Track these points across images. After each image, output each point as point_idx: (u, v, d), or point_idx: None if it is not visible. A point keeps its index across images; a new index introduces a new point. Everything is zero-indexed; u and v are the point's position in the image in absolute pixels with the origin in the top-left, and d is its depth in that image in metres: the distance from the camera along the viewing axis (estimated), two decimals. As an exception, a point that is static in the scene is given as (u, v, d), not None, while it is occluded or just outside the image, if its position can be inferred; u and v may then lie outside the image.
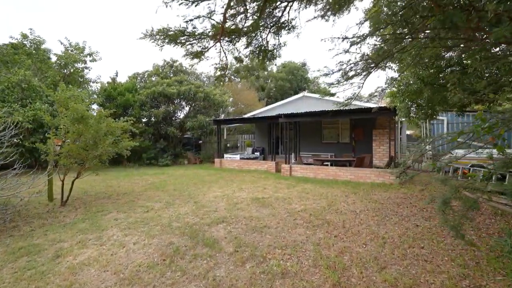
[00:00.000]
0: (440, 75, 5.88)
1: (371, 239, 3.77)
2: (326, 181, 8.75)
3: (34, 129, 10.28)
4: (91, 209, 5.54)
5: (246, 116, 15.11)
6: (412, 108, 6.77)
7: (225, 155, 13.70)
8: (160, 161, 14.44)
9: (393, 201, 5.98)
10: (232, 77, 29.46)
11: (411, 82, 6.06)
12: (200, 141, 19.51)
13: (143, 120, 15.91)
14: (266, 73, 29.61)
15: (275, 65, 29.08)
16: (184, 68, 18.20)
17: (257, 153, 15.33)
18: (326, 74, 4.37)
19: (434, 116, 7.16)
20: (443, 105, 5.88)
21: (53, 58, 11.87)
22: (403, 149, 13.57)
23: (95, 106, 13.77)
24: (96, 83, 13.44)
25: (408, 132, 20.22)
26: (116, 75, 14.88)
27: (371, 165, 10.12)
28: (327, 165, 10.59)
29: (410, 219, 4.63)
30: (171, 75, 16.61)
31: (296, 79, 27.74)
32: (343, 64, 4.19)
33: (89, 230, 4.24)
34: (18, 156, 10.30)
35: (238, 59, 5.02)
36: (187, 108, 17.05)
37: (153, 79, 16.05)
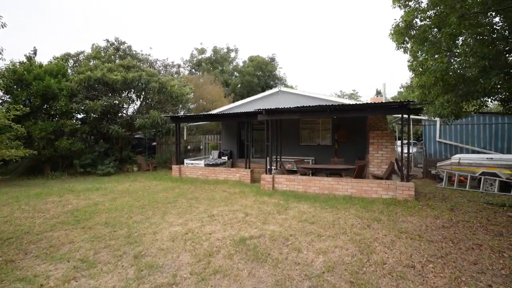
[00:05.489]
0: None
1: None
2: (322, 197, 6.72)
3: None
4: None
5: (213, 112, 12.51)
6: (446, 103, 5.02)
7: (186, 161, 10.97)
8: (100, 169, 11.07)
9: (441, 235, 4.11)
10: (193, 70, 26.34)
11: (466, 65, 4.27)
12: (154, 143, 16.27)
13: (78, 116, 12.25)
14: (231, 67, 27.06)
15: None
16: (134, 52, 14.77)
17: (225, 157, 12.84)
18: None
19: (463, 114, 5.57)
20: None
21: None
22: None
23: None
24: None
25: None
26: (34, 54, 10.95)
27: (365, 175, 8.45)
28: (308, 174, 8.63)
29: (520, 287, 2.72)
30: (118, 60, 13.20)
31: (264, 75, 25.74)
32: None
33: None
34: None
35: None
36: (138, 102, 13.78)
37: (93, 63, 12.50)
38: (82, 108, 10.92)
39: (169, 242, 3.93)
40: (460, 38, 5.27)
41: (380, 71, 65.53)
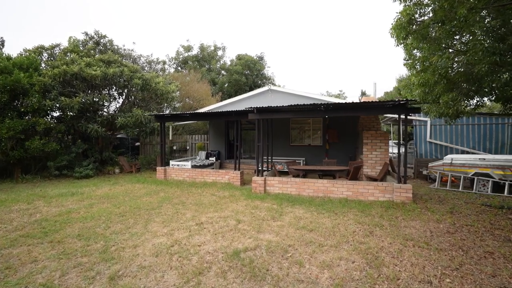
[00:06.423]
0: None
1: None
2: (317, 200, 6.39)
3: None
4: None
5: (201, 111, 11.95)
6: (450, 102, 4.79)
7: (171, 162, 10.36)
8: (77, 171, 10.25)
9: (448, 243, 3.84)
10: (179, 67, 25.51)
11: (472, 62, 4.04)
12: (138, 143, 15.48)
13: (54, 114, 11.31)
14: (218, 65, 26.43)
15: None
16: (115, 46, 13.93)
17: (213, 158, 12.33)
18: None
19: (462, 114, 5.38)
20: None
21: None
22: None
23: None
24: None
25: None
26: (2, 45, 10.01)
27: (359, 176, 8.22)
28: (300, 175, 8.26)
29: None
30: (98, 55, 12.34)
31: (252, 74, 25.31)
32: None
33: None
34: None
35: None
36: (120, 100, 12.98)
37: (69, 57, 11.59)
38: (57, 105, 10.06)
39: (152, 257, 3.43)
40: (456, 37, 5.08)
41: (365, 73, 66.78)
